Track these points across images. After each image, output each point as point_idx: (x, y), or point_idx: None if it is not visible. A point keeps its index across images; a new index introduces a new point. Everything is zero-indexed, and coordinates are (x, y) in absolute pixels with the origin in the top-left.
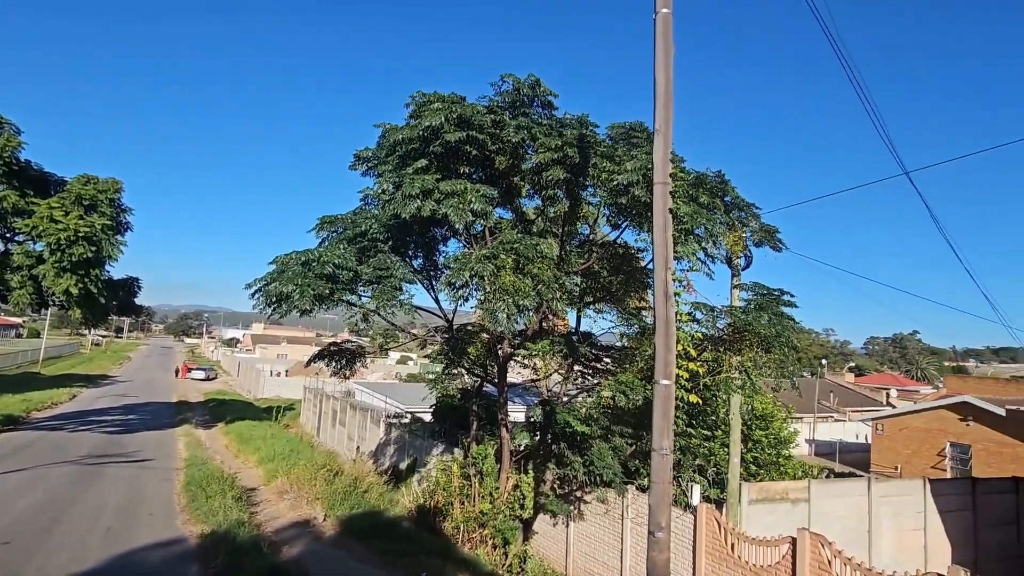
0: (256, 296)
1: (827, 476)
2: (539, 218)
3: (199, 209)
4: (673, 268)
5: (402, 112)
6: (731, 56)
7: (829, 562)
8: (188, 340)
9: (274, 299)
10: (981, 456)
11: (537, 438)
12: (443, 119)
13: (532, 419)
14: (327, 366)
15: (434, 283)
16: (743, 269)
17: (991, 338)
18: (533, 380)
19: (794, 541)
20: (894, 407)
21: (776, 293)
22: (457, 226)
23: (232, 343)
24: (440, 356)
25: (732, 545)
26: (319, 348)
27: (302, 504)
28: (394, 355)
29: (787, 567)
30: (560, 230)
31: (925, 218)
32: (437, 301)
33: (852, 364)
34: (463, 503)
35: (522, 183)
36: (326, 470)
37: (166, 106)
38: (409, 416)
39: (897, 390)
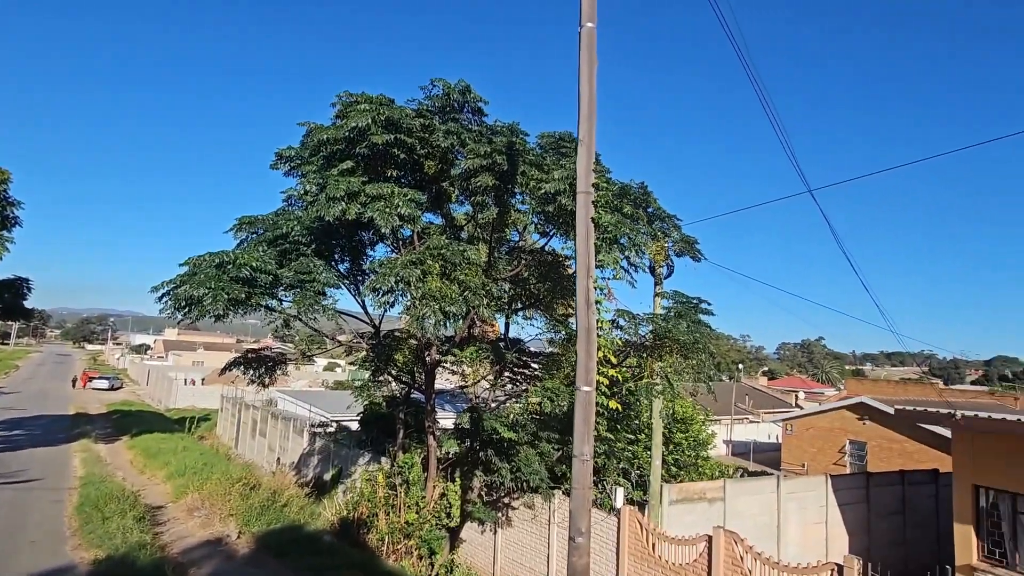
0: (164, 300)
1: (741, 475)
2: (469, 224)
3: (108, 209)
4: (595, 276)
5: (327, 112)
6: (653, 65)
7: (741, 558)
8: (90, 346)
9: (183, 303)
10: (875, 452)
11: (465, 445)
12: (370, 120)
13: (460, 426)
14: (244, 374)
15: (360, 288)
16: (665, 278)
17: (885, 344)
18: (462, 386)
19: (710, 539)
20: (802, 408)
21: (695, 301)
22: (384, 230)
23: (142, 349)
24: (367, 363)
25: (653, 545)
26: (236, 355)
27: (215, 521)
28: (321, 361)
29: (704, 564)
30: (490, 236)
31: (829, 229)
32: (364, 307)
33: (765, 368)
34: (388, 514)
35: (452, 188)
36: (242, 484)
37: (69, 106)
38: (335, 425)
39: (804, 392)
